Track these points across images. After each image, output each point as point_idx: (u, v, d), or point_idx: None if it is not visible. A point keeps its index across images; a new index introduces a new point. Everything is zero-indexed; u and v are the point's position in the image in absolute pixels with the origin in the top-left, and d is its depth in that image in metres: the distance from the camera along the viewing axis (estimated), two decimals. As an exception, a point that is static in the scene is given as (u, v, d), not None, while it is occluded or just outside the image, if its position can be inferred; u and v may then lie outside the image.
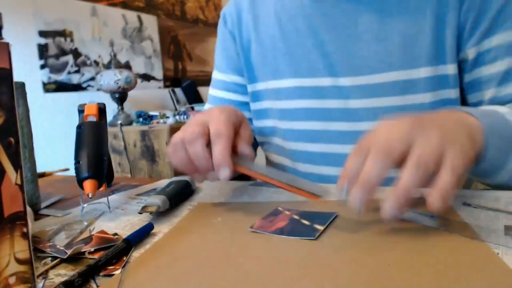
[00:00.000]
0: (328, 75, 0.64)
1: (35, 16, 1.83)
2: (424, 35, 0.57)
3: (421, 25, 0.58)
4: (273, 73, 0.70)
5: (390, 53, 0.59)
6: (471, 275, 0.27)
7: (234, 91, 0.78)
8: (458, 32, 0.57)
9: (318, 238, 0.36)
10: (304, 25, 0.66)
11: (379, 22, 0.60)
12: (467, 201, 0.43)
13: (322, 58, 0.64)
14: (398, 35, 0.59)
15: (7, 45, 0.24)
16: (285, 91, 0.69)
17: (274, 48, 0.69)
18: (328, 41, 0.63)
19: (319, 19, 0.64)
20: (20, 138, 0.25)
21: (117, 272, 0.32)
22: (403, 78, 0.59)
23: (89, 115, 0.53)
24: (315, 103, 0.66)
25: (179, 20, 2.79)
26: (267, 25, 0.70)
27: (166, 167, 1.84)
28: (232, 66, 0.77)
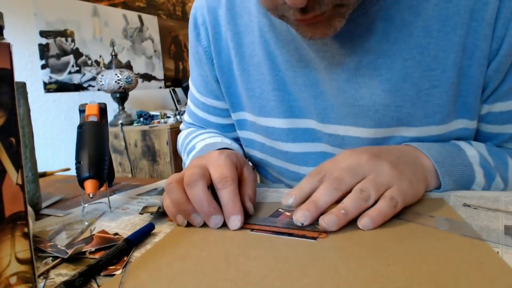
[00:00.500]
0: (321, 120, 0.55)
1: (36, 16, 1.84)
2: (440, 92, 0.49)
3: (439, 80, 0.48)
4: (260, 109, 0.60)
5: (400, 107, 0.50)
6: (472, 274, 0.27)
7: (215, 114, 0.69)
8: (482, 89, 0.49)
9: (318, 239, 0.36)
10: (295, 57, 0.55)
11: (389, 69, 0.49)
12: (467, 202, 0.43)
13: (315, 99, 0.55)
14: (410, 88, 0.49)
15: (8, 45, 0.24)
16: (276, 131, 0.60)
17: (261, 79, 0.58)
18: (323, 80, 0.53)
19: (314, 54, 0.53)
20: (21, 138, 0.25)
21: (118, 272, 0.32)
22: (412, 135, 0.52)
23: (90, 115, 0.54)
24: (310, 147, 0.58)
25: (180, 20, 2.80)
26: (252, 49, 0.58)
27: (167, 167, 1.84)
28: (209, 90, 0.67)
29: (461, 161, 0.48)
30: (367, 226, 0.37)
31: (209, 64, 0.64)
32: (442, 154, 0.48)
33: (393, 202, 0.38)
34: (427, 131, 0.51)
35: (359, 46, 0.50)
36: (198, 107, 0.72)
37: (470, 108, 0.50)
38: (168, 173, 1.84)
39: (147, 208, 0.46)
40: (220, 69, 0.62)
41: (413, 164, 0.44)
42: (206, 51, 0.63)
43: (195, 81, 0.70)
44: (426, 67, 0.48)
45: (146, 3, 2.49)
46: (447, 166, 0.47)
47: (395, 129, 0.52)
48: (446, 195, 0.46)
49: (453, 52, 0.47)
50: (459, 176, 0.47)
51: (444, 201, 0.44)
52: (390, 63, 0.49)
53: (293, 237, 0.37)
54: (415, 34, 0.47)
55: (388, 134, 0.53)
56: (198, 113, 0.72)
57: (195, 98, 0.72)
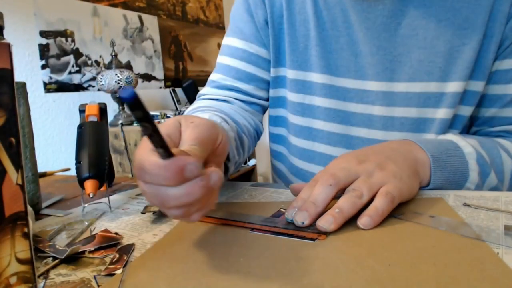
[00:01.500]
0: (359, 77, 0.60)
1: (36, 16, 1.84)
2: (469, 48, 0.55)
3: (470, 38, 0.54)
4: (300, 63, 0.64)
5: (433, 63, 0.56)
6: (471, 275, 0.27)
7: (256, 64, 0.68)
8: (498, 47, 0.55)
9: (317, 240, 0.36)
10: (340, 18, 0.60)
11: (425, 28, 0.56)
12: (467, 202, 0.43)
13: (354, 57, 0.60)
14: (443, 45, 0.55)
15: (8, 45, 0.24)
16: (310, 85, 0.64)
17: (306, 35, 0.63)
18: (363, 40, 0.59)
19: (357, 15, 0.58)
20: (21, 138, 0.25)
21: (118, 271, 0.32)
22: (435, 90, 0.57)
23: (90, 115, 0.54)
24: (338, 104, 0.62)
25: (180, 20, 2.80)
26: (301, 6, 0.63)
27: (167, 167, 1.84)
28: (258, 37, 0.67)
29: (457, 158, 0.50)
30: (367, 225, 0.37)
31: (263, 8, 0.66)
32: (438, 149, 0.49)
33: (389, 196, 0.39)
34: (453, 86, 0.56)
35: (399, 9, 0.56)
36: (237, 57, 0.69)
37: (485, 67, 0.56)
38: (168, 173, 1.83)
39: (148, 207, 0.46)
40: (271, 19, 0.66)
41: (404, 160, 0.46)
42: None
43: (242, 30, 0.69)
44: (458, 26, 0.55)
45: (146, 3, 2.49)
46: (441, 161, 0.48)
47: (427, 84, 0.57)
48: (446, 194, 0.46)
49: (481, 13, 0.54)
50: (452, 173, 0.49)
51: (444, 201, 0.44)
52: (426, 24, 0.56)
53: (292, 238, 0.37)
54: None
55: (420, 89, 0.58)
56: (234, 63, 0.69)
57: (234, 48, 0.69)
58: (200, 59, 2.96)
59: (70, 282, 0.32)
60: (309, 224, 0.38)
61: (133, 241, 0.40)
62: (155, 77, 2.54)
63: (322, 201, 0.39)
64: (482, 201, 0.43)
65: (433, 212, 0.40)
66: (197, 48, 2.94)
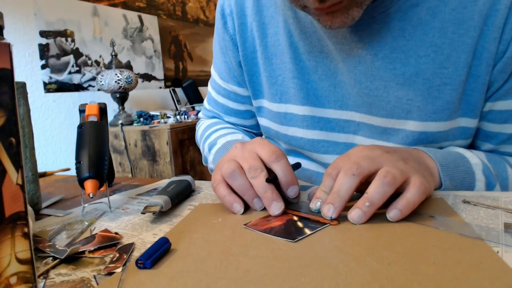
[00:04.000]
0: (339, 107, 0.59)
1: (36, 16, 1.84)
2: (450, 89, 0.51)
3: (451, 77, 0.51)
4: (281, 95, 0.63)
5: (411, 101, 0.53)
6: (471, 274, 0.27)
7: (235, 100, 0.73)
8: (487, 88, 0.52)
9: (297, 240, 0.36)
10: (317, 48, 0.58)
11: (403, 63, 0.52)
12: (466, 199, 0.43)
13: (335, 88, 0.58)
14: (423, 83, 0.52)
15: (8, 45, 0.24)
16: (292, 117, 0.63)
17: (283, 68, 0.62)
18: (342, 71, 0.57)
19: (333, 45, 0.56)
20: (21, 138, 0.25)
21: (117, 270, 0.32)
22: (419, 130, 0.54)
23: (90, 115, 0.54)
24: (322, 135, 0.62)
25: (180, 20, 2.80)
26: (276, 39, 0.62)
27: (167, 167, 1.84)
28: (233, 77, 0.70)
29: (464, 168, 0.50)
30: (395, 218, 0.38)
31: (234, 50, 0.67)
32: (447, 159, 0.49)
33: (423, 187, 0.38)
34: (435, 126, 0.54)
35: (376, 40, 0.53)
36: (220, 93, 0.75)
37: (474, 106, 0.53)
38: (168, 173, 1.84)
39: (148, 207, 0.46)
40: (244, 58, 0.66)
41: (419, 163, 0.46)
42: (232, 38, 0.67)
43: (219, 68, 0.73)
44: (439, 65, 0.51)
45: (146, 3, 2.49)
46: (449, 170, 0.48)
47: (404, 122, 0.55)
48: (446, 194, 0.46)
49: (465, 52, 0.50)
50: (459, 182, 0.49)
51: (444, 201, 0.44)
52: (404, 58, 0.52)
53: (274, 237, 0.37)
54: (430, 33, 0.51)
55: (398, 126, 0.55)
56: (219, 99, 0.76)
57: (217, 84, 0.75)
58: (200, 59, 2.96)
59: (70, 282, 0.32)
60: (336, 216, 0.39)
61: (133, 241, 0.40)
62: (155, 77, 2.54)
63: (346, 192, 0.39)
64: (482, 199, 0.43)
65: (433, 212, 0.40)
66: (197, 48, 2.94)
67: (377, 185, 0.38)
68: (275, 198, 0.43)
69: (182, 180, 0.57)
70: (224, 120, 0.79)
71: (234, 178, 0.45)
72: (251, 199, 0.45)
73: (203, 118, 0.85)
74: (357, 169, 0.39)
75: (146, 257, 0.32)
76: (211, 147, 0.70)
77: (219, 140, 0.69)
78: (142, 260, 0.32)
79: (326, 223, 0.38)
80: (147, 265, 0.32)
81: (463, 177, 0.49)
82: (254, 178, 0.44)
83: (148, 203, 0.47)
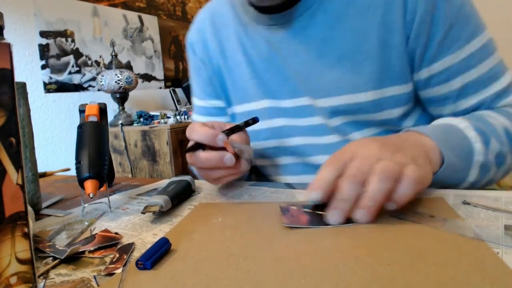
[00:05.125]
0: (292, 97, 0.67)
1: (36, 17, 1.84)
2: (370, 61, 0.59)
3: (368, 52, 0.59)
4: (243, 97, 0.73)
5: (341, 79, 0.62)
6: (472, 274, 0.27)
7: (215, 114, 0.80)
8: (408, 57, 0.59)
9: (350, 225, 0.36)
10: (265, 52, 0.68)
11: (331, 50, 0.62)
12: (466, 200, 0.43)
13: (285, 81, 0.67)
14: (348, 62, 0.61)
15: (8, 45, 0.24)
16: (255, 113, 0.71)
17: (241, 73, 0.72)
18: (287, 66, 0.66)
19: (277, 46, 0.66)
20: (21, 138, 0.25)
21: (118, 271, 0.32)
22: (352, 102, 0.62)
23: (90, 115, 0.54)
24: (284, 121, 0.69)
25: (180, 20, 2.80)
26: (232, 51, 0.73)
27: (167, 167, 1.84)
28: (208, 92, 0.79)
29: (457, 135, 0.52)
30: (392, 208, 0.39)
31: (205, 68, 0.78)
32: (438, 131, 0.52)
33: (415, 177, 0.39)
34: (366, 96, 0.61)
35: (306, 36, 0.63)
36: (201, 114, 0.83)
37: (400, 74, 0.60)
38: (168, 173, 1.84)
39: (148, 207, 0.46)
40: (213, 73, 0.77)
41: (416, 146, 0.47)
42: (201, 59, 0.78)
43: (196, 92, 0.83)
44: (358, 44, 0.60)
45: (146, 3, 2.49)
46: (446, 143, 0.50)
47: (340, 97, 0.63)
48: (446, 194, 0.46)
49: (375, 29, 0.58)
50: (458, 150, 0.50)
51: (444, 201, 0.44)
52: (331, 45, 0.62)
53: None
54: (347, 20, 0.60)
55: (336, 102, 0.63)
56: (201, 119, 0.83)
57: (197, 108, 0.84)
58: (200, 59, 2.96)
59: (70, 282, 0.32)
60: (343, 222, 0.40)
61: (133, 241, 0.40)
62: (155, 77, 2.54)
63: (353, 198, 0.40)
64: (482, 200, 0.43)
65: (433, 212, 0.40)
66: (197, 48, 2.94)
67: (376, 182, 0.39)
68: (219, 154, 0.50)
69: (182, 180, 0.57)
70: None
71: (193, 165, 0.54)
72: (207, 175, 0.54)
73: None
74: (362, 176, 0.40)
75: (146, 258, 0.32)
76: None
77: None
78: (142, 260, 0.32)
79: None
80: (147, 266, 0.32)
81: (461, 144, 0.51)
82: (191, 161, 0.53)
83: (148, 203, 0.47)
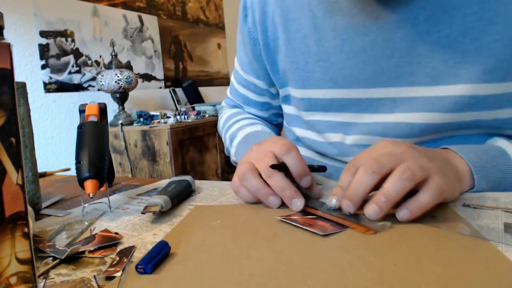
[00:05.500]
0: (371, 85, 0.55)
1: (36, 16, 1.84)
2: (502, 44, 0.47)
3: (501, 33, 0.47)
4: (304, 80, 0.61)
5: (459, 64, 0.49)
6: (478, 272, 0.27)
7: (254, 92, 0.76)
8: None
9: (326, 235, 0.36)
10: (343, 24, 0.55)
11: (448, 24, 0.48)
12: (466, 202, 0.43)
13: (364, 65, 0.54)
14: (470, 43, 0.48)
15: (8, 45, 0.24)
16: (317, 102, 0.61)
17: (306, 52, 0.60)
18: (373, 44, 0.53)
19: (363, 17, 0.53)
20: (21, 138, 0.25)
21: (117, 274, 0.32)
22: (468, 94, 0.49)
23: (90, 115, 0.54)
24: (353, 117, 0.58)
25: (180, 20, 2.79)
26: (299, 23, 0.60)
27: (167, 167, 1.84)
28: (252, 69, 0.72)
29: (504, 167, 0.46)
30: (404, 219, 0.37)
31: (251, 44, 0.68)
32: (482, 158, 0.46)
33: (438, 190, 0.36)
34: (485, 89, 0.48)
35: (416, 2, 0.49)
36: (241, 83, 0.78)
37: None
38: (168, 173, 1.84)
39: (148, 207, 0.46)
40: (265, 47, 0.65)
41: (446, 163, 0.43)
42: (250, 32, 0.67)
43: (241, 59, 0.76)
44: (487, 21, 0.47)
45: (146, 3, 2.49)
46: (485, 171, 0.45)
47: (452, 87, 0.50)
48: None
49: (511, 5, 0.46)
50: (497, 182, 0.46)
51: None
52: (448, 18, 0.48)
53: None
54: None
55: (444, 93, 0.50)
56: (240, 89, 0.79)
57: (239, 75, 0.78)
58: (200, 59, 2.96)
59: (70, 282, 0.32)
60: (354, 212, 0.39)
61: (133, 240, 0.40)
62: (155, 77, 2.54)
63: (364, 189, 0.38)
64: (482, 200, 0.43)
65: (434, 212, 0.40)
66: (197, 48, 2.94)
67: (395, 180, 0.36)
68: (294, 195, 0.43)
69: (182, 180, 0.57)
70: (245, 111, 0.81)
71: (246, 180, 0.45)
72: (265, 198, 0.45)
73: (225, 107, 0.88)
74: (378, 167, 0.38)
75: (146, 262, 0.32)
76: (232, 139, 0.72)
77: (239, 132, 0.71)
78: (143, 265, 0.32)
79: (362, 231, 0.36)
80: (148, 270, 0.32)
81: (501, 177, 0.45)
82: (270, 177, 0.44)
83: (148, 203, 0.47)
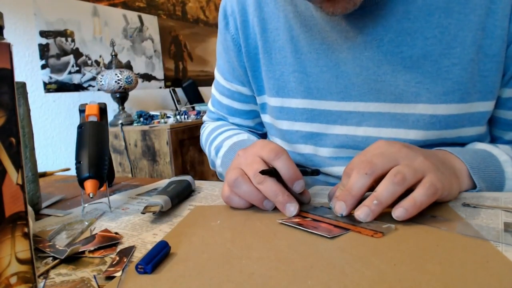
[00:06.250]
0: (341, 99, 0.57)
1: (36, 16, 1.84)
2: (460, 67, 0.50)
3: (459, 56, 0.50)
4: (278, 89, 0.63)
5: (420, 84, 0.52)
6: (478, 272, 0.27)
7: (240, 100, 0.74)
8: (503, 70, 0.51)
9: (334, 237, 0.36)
10: (318, 40, 0.57)
11: (410, 46, 0.51)
12: (466, 202, 0.43)
13: (337, 79, 0.57)
14: (431, 65, 0.51)
15: (8, 45, 0.24)
16: (289, 111, 0.62)
17: (283, 62, 0.62)
18: (345, 61, 0.56)
19: (337, 35, 0.55)
20: (21, 138, 0.25)
21: (117, 274, 0.32)
22: (429, 113, 0.52)
23: (90, 115, 0.54)
24: (321, 128, 0.60)
25: (180, 20, 2.79)
26: (276, 34, 0.62)
27: (167, 167, 1.84)
28: (236, 76, 0.71)
29: (494, 168, 0.48)
30: (401, 217, 0.37)
31: (236, 50, 0.68)
32: (476, 159, 0.48)
33: (432, 189, 0.37)
34: (445, 109, 0.52)
35: (381, 25, 0.52)
36: (224, 94, 0.76)
37: (493, 87, 0.51)
38: (168, 173, 1.84)
39: (148, 207, 0.46)
40: (247, 54, 0.66)
41: (443, 162, 0.44)
42: (233, 38, 0.67)
43: (222, 68, 0.74)
44: (446, 45, 0.50)
45: (146, 3, 2.49)
46: (481, 171, 0.47)
47: (414, 105, 0.53)
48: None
49: (472, 31, 0.49)
50: (490, 183, 0.47)
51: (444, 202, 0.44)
52: (411, 40, 0.51)
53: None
54: (436, 14, 0.50)
55: (408, 110, 0.54)
56: (223, 100, 0.77)
57: (220, 86, 0.76)
58: (200, 59, 2.96)
59: (70, 282, 0.32)
60: (347, 214, 0.39)
61: (133, 240, 0.40)
62: (155, 77, 2.54)
63: (358, 191, 0.38)
64: (481, 200, 0.43)
65: (434, 212, 0.40)
66: (197, 48, 2.94)
67: (387, 184, 0.37)
68: (287, 200, 0.42)
69: (182, 180, 0.57)
70: (229, 122, 0.79)
71: (237, 186, 0.44)
72: (260, 202, 0.45)
73: (208, 121, 0.84)
74: (370, 168, 0.38)
75: (146, 262, 0.32)
76: (218, 150, 0.70)
77: (225, 142, 0.69)
78: (143, 264, 0.32)
79: (369, 234, 0.36)
80: (148, 270, 0.32)
81: (493, 177, 0.47)
82: (261, 184, 0.43)
83: (148, 203, 0.47)
